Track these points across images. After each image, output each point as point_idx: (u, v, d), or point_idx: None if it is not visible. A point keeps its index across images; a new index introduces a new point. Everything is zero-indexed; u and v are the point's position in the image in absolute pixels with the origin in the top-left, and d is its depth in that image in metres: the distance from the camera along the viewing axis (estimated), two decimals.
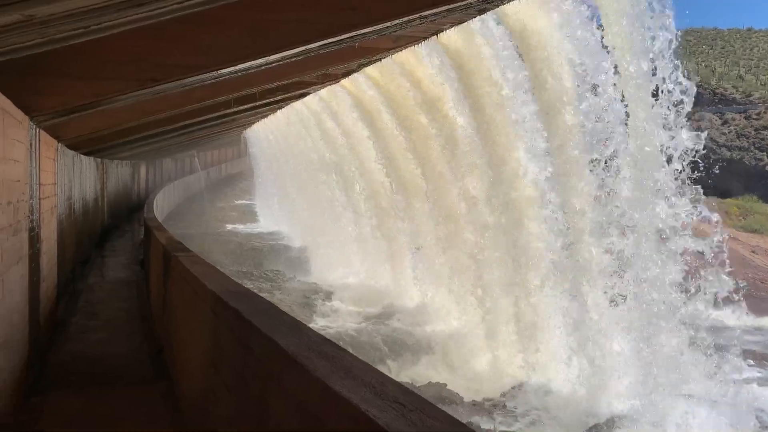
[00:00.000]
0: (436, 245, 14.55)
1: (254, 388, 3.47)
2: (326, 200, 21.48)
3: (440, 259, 14.43)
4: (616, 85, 9.33)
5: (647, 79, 8.64)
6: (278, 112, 21.28)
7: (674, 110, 8.50)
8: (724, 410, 9.63)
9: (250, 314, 3.60)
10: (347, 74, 13.26)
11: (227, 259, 21.01)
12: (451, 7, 7.60)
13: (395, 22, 7.33)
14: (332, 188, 20.58)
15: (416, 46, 10.51)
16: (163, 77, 5.83)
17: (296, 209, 27.39)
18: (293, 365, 2.64)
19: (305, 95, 16.34)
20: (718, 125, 68.21)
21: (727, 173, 56.89)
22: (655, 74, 8.65)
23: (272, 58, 7.42)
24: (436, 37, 9.59)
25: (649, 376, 9.26)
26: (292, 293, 17.92)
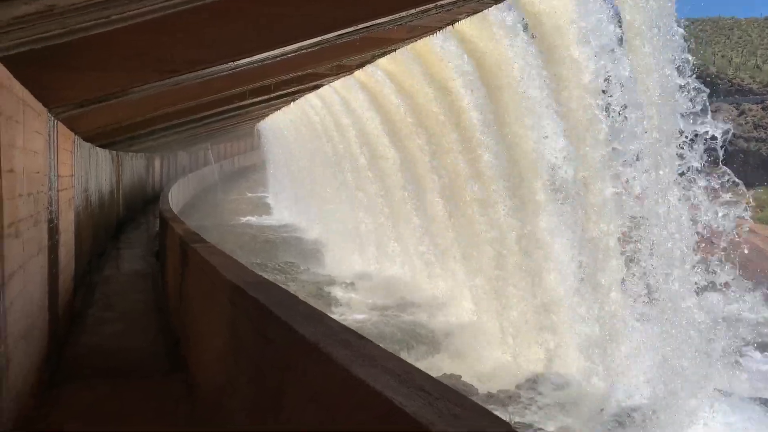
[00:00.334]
0: (450, 237, 14.49)
1: (273, 378, 3.45)
2: (340, 192, 21.46)
3: (455, 250, 14.37)
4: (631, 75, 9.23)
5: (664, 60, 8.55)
6: (291, 104, 21.27)
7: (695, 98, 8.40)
8: (742, 402, 9.55)
9: (269, 304, 3.60)
10: (361, 65, 13.20)
11: (241, 251, 21.05)
12: None
13: (401, 14, 7.27)
14: (345, 180, 20.56)
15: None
16: (181, 69, 5.83)
17: (309, 202, 27.42)
18: (315, 354, 2.62)
19: (319, 87, 16.31)
20: (734, 116, 67.35)
21: (743, 164, 56.28)
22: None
23: (287, 49, 7.41)
24: (451, 26, 9.51)
25: (667, 368, 9.18)
26: (306, 285, 17.95)
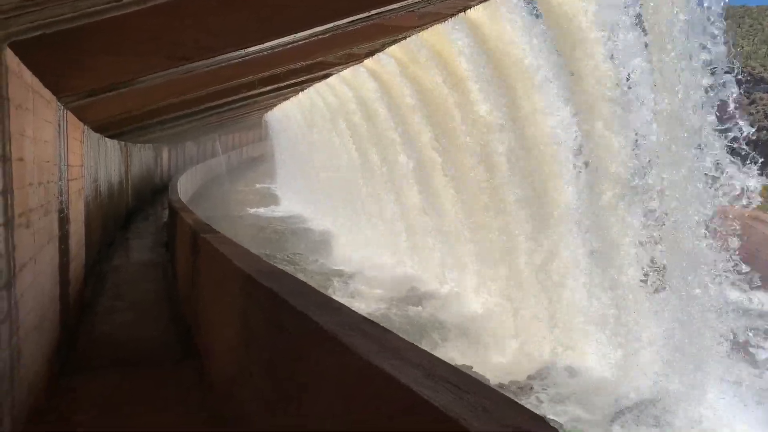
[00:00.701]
0: (461, 228, 14.39)
1: (286, 367, 3.39)
2: (349, 184, 21.36)
3: (465, 241, 14.27)
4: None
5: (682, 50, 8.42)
6: (300, 94, 21.16)
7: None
8: (757, 396, 9.43)
9: (282, 293, 3.52)
10: (371, 54, 13.08)
11: (250, 242, 20.99)
12: None
13: (402, 3, 7.18)
14: (355, 172, 20.45)
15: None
16: (191, 55, 5.75)
17: (318, 193, 27.34)
18: (333, 344, 2.54)
19: (328, 76, 16.19)
20: (745, 105, 66.67)
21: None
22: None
23: (297, 36, 7.31)
24: (463, 13, 9.39)
25: (681, 359, 9.08)
26: (314, 276, 17.88)
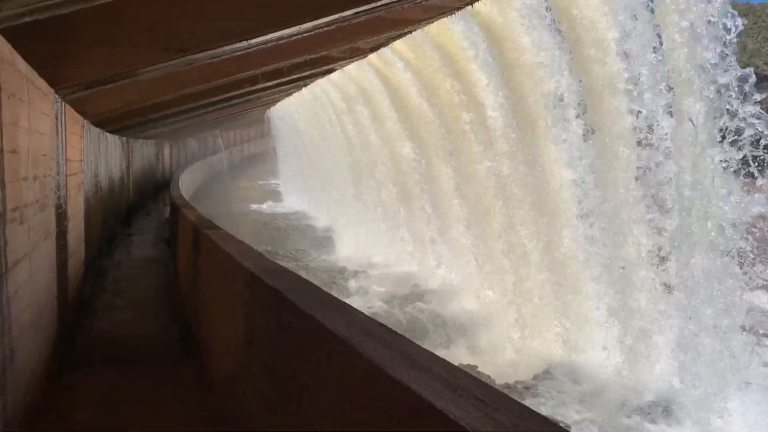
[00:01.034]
0: (463, 225, 14.23)
1: (287, 367, 3.23)
2: (351, 180, 21.21)
3: (468, 238, 14.11)
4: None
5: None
6: (303, 89, 20.97)
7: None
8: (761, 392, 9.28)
9: (285, 291, 3.36)
10: (375, 48, 12.87)
11: (252, 238, 20.84)
12: None
13: None
14: (357, 168, 20.30)
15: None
16: (189, 46, 5.58)
17: (321, 189, 27.19)
18: (342, 348, 2.37)
19: (332, 71, 16.00)
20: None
21: None
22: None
23: (301, 28, 7.15)
24: (471, 6, 9.20)
25: (691, 360, 8.92)
26: (317, 273, 17.73)
